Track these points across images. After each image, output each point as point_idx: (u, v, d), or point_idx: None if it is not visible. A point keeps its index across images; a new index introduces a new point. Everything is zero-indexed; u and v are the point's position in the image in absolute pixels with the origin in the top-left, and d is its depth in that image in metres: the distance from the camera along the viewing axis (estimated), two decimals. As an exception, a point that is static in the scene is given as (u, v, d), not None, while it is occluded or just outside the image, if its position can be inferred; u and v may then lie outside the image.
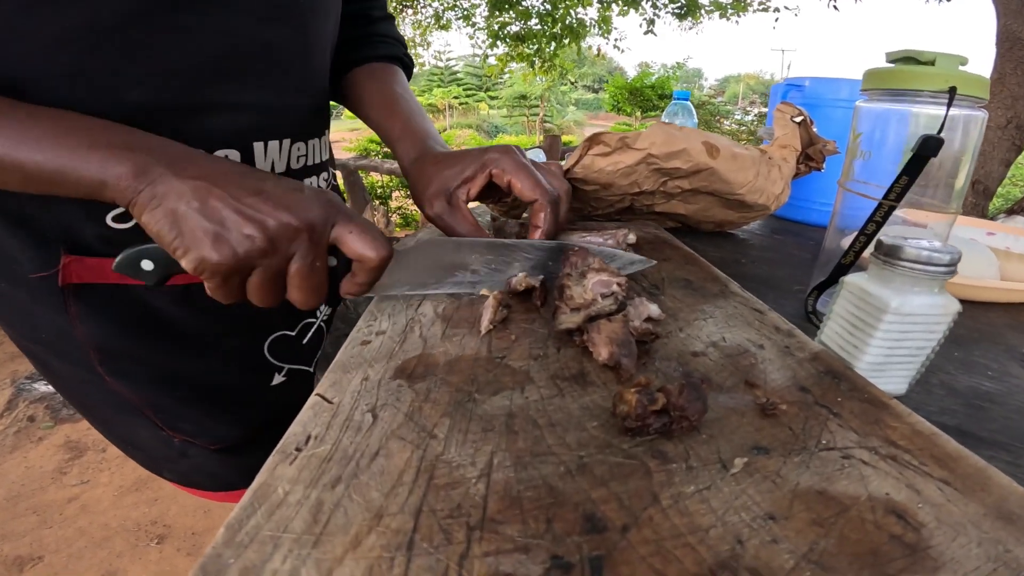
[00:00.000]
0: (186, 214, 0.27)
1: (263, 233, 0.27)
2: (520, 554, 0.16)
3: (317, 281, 0.30)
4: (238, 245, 0.27)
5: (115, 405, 0.43)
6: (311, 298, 0.30)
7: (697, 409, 0.21)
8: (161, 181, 0.27)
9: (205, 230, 0.27)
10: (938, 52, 0.32)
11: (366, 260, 0.30)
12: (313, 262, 0.29)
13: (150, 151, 0.28)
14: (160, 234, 0.27)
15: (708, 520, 0.17)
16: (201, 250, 0.27)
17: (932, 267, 0.26)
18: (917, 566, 0.16)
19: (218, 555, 0.15)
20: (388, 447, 0.20)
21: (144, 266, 0.29)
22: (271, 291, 0.30)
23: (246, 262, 0.28)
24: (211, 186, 0.28)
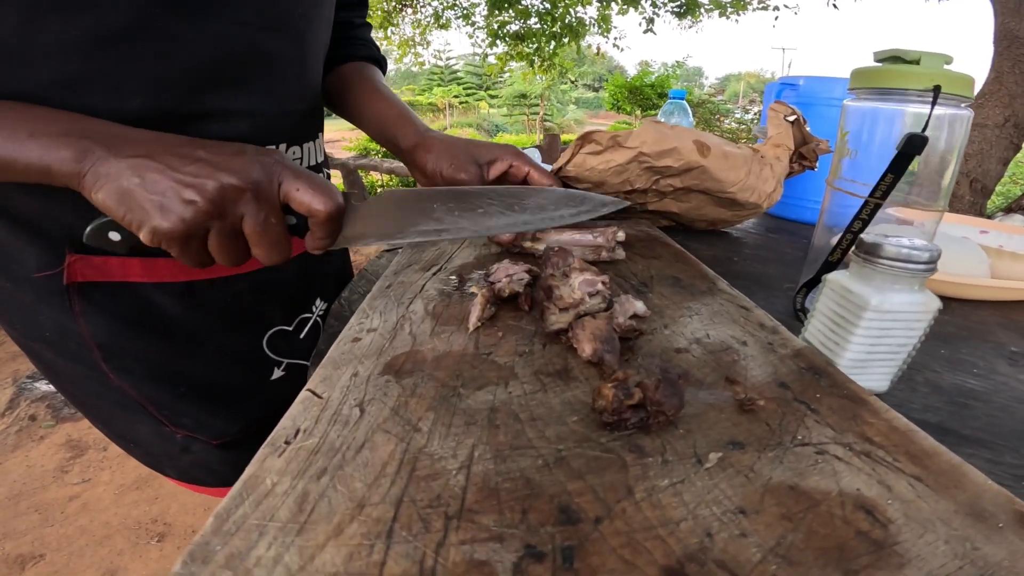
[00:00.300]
0: (130, 189, 0.28)
1: (203, 197, 0.28)
2: (495, 543, 0.16)
3: (274, 237, 0.31)
4: (183, 212, 0.28)
5: (118, 402, 0.44)
6: (272, 253, 0.31)
7: (673, 404, 0.21)
8: (101, 162, 0.28)
9: (151, 202, 0.28)
10: (923, 51, 0.32)
11: (316, 214, 0.31)
12: (266, 219, 0.30)
13: (88, 135, 0.29)
14: (111, 210, 0.28)
15: (679, 513, 0.18)
16: (151, 221, 0.28)
17: (911, 265, 0.27)
18: (882, 562, 0.16)
19: (205, 543, 0.15)
20: (373, 440, 0.20)
21: (112, 236, 0.30)
22: (231, 250, 0.31)
23: (195, 226, 0.29)
24: (148, 160, 0.29)
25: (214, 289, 0.44)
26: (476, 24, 5.06)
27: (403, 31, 5.16)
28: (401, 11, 4.90)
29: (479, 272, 0.39)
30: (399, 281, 0.38)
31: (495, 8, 4.69)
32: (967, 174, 1.48)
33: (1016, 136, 1.46)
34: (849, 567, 0.16)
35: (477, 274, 0.39)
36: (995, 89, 1.45)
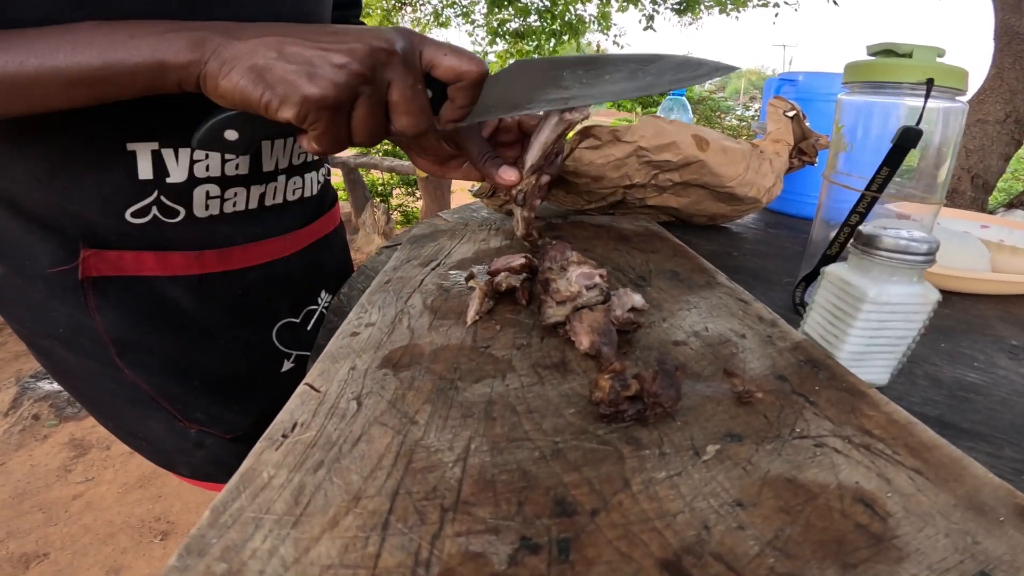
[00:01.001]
0: (268, 66, 0.26)
1: (355, 58, 0.27)
2: (490, 535, 0.16)
3: (421, 103, 0.30)
4: (335, 76, 0.26)
5: (130, 398, 0.44)
6: (419, 121, 0.30)
7: (670, 396, 0.21)
8: (225, 47, 0.26)
9: (296, 71, 0.26)
10: (915, 44, 0.32)
11: (466, 75, 0.30)
12: (414, 84, 0.29)
13: (199, 27, 0.27)
14: (246, 94, 0.26)
15: (676, 506, 0.18)
16: (300, 91, 0.26)
17: (909, 256, 0.27)
18: (880, 556, 0.16)
19: (202, 535, 0.16)
20: (370, 433, 0.20)
21: (228, 136, 0.28)
22: (377, 121, 0.29)
23: (348, 91, 0.27)
24: (281, 38, 0.27)
25: (226, 281, 0.44)
26: (476, 22, 5.05)
27: (402, 30, 5.14)
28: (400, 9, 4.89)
29: (478, 267, 0.39)
30: (398, 276, 0.38)
31: (495, 6, 4.68)
32: (968, 170, 1.47)
33: (1017, 132, 1.45)
34: (847, 560, 0.16)
35: (477, 268, 0.39)
36: (996, 85, 1.45)
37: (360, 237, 3.32)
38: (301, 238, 0.50)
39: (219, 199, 0.41)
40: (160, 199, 0.38)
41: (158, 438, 0.47)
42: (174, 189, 0.39)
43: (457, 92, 0.31)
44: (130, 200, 0.37)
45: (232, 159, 0.40)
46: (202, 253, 0.42)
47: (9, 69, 0.26)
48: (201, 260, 0.42)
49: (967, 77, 0.33)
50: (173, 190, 0.39)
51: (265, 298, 0.47)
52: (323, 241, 0.54)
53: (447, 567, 0.15)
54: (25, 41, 0.27)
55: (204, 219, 0.41)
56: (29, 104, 0.28)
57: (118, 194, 0.37)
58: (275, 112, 0.27)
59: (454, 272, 0.39)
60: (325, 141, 0.29)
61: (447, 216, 0.58)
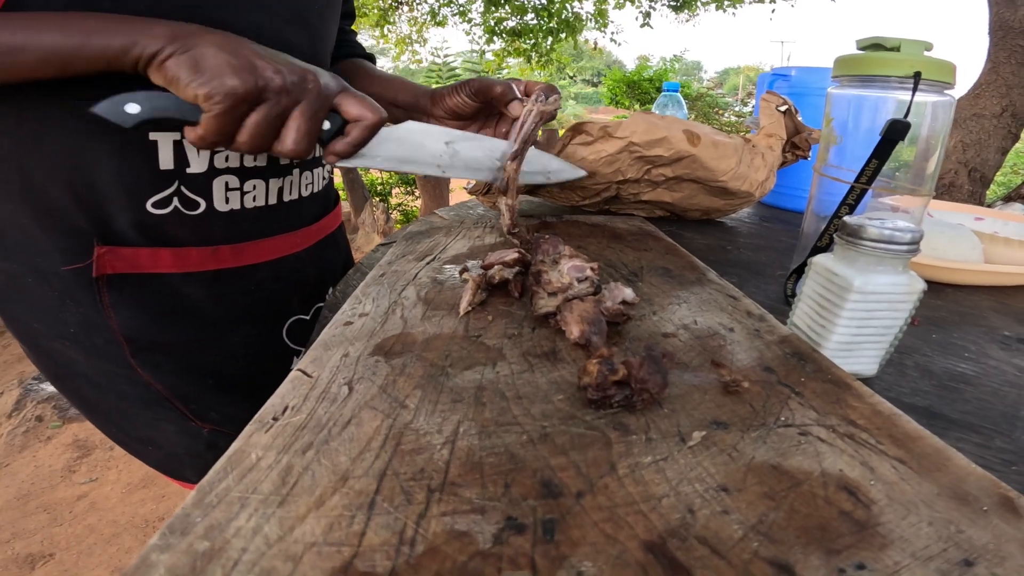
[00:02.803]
0: (214, 55, 0.30)
1: (282, 76, 0.32)
2: (476, 515, 0.16)
3: (311, 128, 0.34)
4: (259, 80, 0.31)
5: (142, 399, 0.44)
6: (301, 143, 0.34)
7: (657, 382, 0.22)
8: (193, 36, 0.30)
9: (231, 66, 0.30)
10: (903, 38, 0.32)
11: (364, 118, 0.35)
12: (316, 111, 0.34)
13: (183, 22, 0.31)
14: (178, 74, 0.30)
15: (662, 489, 0.18)
16: (222, 79, 0.30)
17: (894, 246, 0.27)
18: (864, 543, 0.16)
19: (186, 515, 0.16)
20: (360, 416, 0.21)
21: (128, 108, 0.31)
22: (267, 130, 0.33)
23: (259, 93, 0.31)
24: (242, 42, 0.31)
25: (239, 277, 0.45)
26: (473, 21, 5.05)
27: (399, 29, 5.15)
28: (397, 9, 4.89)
29: (472, 261, 0.40)
30: (392, 270, 0.38)
31: (491, 5, 4.68)
32: (965, 164, 1.47)
33: (1014, 126, 1.45)
34: (831, 546, 0.16)
35: (471, 263, 0.39)
36: (992, 79, 1.45)
37: (360, 236, 3.33)
38: (311, 234, 0.51)
39: (239, 191, 0.42)
40: (181, 190, 0.39)
41: (168, 441, 0.47)
42: (194, 180, 0.39)
43: (352, 129, 0.36)
44: (151, 190, 0.38)
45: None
46: (218, 248, 0.42)
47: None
48: (217, 255, 0.42)
49: (955, 71, 0.34)
50: (194, 180, 0.39)
51: (276, 294, 0.48)
52: (330, 239, 0.55)
53: (432, 545, 0.15)
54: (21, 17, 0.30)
55: (225, 213, 0.42)
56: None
57: (139, 184, 0.38)
58: (192, 89, 0.30)
59: (448, 266, 0.39)
60: (214, 126, 0.31)
61: (443, 213, 0.59)
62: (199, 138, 0.32)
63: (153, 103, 0.31)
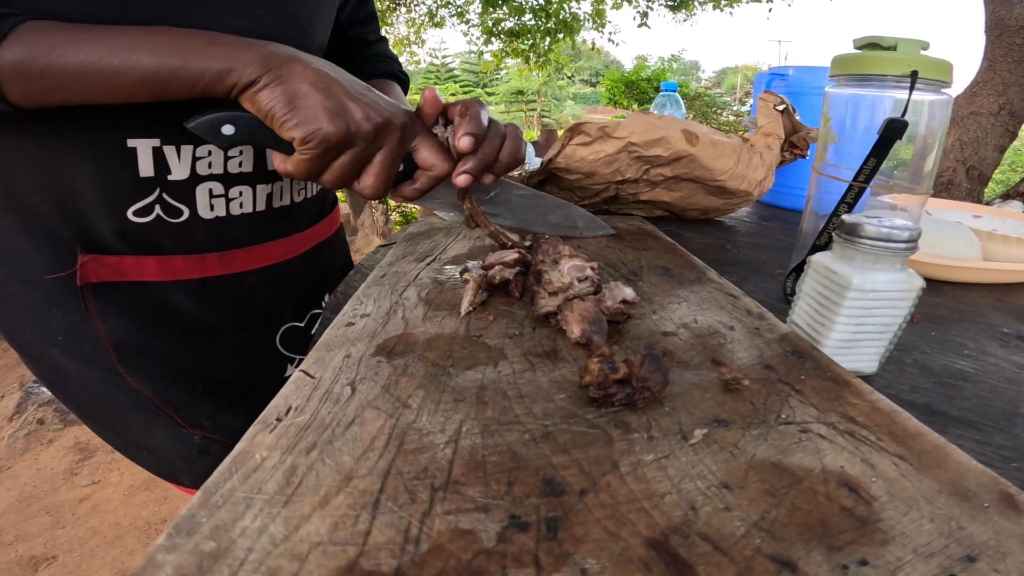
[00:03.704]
0: (308, 93, 0.30)
1: (373, 121, 0.32)
2: (480, 513, 0.17)
3: (391, 173, 0.35)
4: (352, 124, 0.31)
5: (133, 406, 0.43)
6: (381, 186, 0.35)
7: (658, 380, 0.22)
8: (286, 67, 0.31)
9: (325, 107, 0.31)
10: (900, 38, 0.32)
11: (434, 168, 0.36)
12: (397, 156, 0.35)
13: (271, 45, 0.32)
14: (274, 108, 0.30)
15: (664, 487, 0.18)
16: (319, 123, 0.30)
17: (892, 244, 0.27)
18: (865, 539, 0.16)
19: (192, 515, 0.16)
20: (363, 416, 0.21)
21: (224, 130, 0.32)
22: (350, 172, 0.34)
23: (351, 140, 0.32)
24: (331, 77, 0.32)
25: (228, 285, 0.44)
26: (471, 22, 5.05)
27: (397, 30, 5.16)
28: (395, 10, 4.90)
29: (473, 262, 0.40)
30: (393, 271, 0.39)
31: (489, 5, 4.69)
32: (964, 162, 1.48)
33: (1012, 124, 1.46)
34: (833, 542, 0.16)
35: (471, 263, 0.39)
36: (989, 77, 1.46)
37: (359, 238, 3.33)
38: (303, 241, 0.50)
39: (223, 198, 0.41)
40: (163, 197, 0.38)
41: (161, 447, 0.47)
42: (177, 187, 0.39)
43: (422, 176, 0.37)
44: (132, 198, 0.38)
45: (235, 156, 0.40)
46: (204, 257, 0.42)
47: (92, 59, 0.29)
48: (203, 263, 0.42)
49: (952, 70, 0.34)
50: (175, 188, 0.39)
51: (268, 302, 0.48)
52: (326, 244, 0.54)
53: (436, 543, 0.16)
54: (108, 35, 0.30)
55: (210, 220, 0.41)
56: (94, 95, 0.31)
57: (119, 192, 0.37)
58: (288, 128, 0.30)
59: (449, 267, 0.39)
60: (306, 167, 0.32)
61: (443, 215, 0.59)
62: (287, 172, 0.33)
63: (251, 130, 0.32)
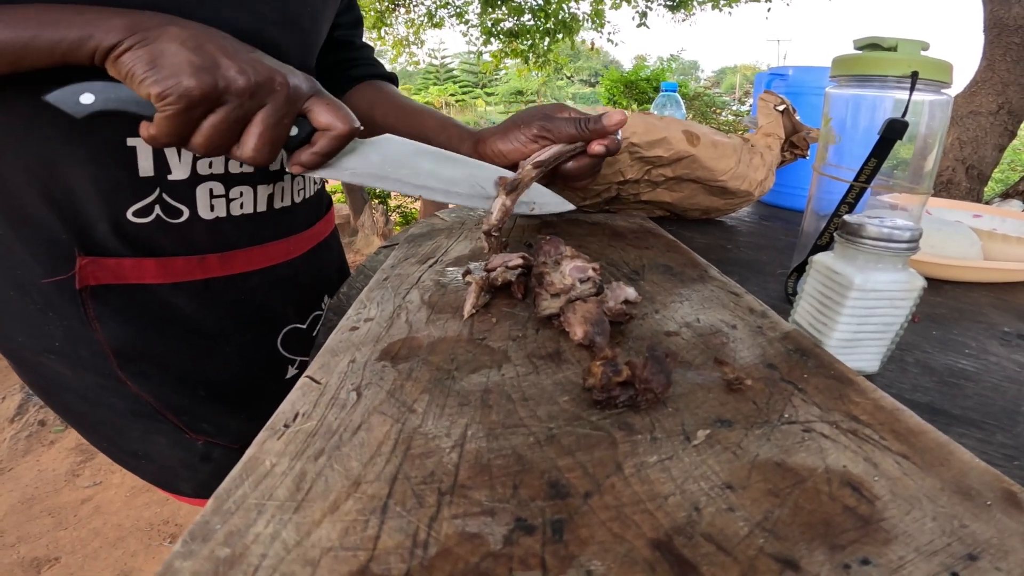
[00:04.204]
0: (175, 51, 0.27)
1: (247, 77, 0.29)
2: (486, 516, 0.17)
3: (277, 135, 0.31)
4: (220, 79, 0.28)
5: (133, 412, 0.43)
6: (264, 150, 0.31)
7: (661, 382, 0.22)
8: (156, 29, 0.28)
9: (190, 62, 0.28)
10: (900, 38, 0.33)
11: (333, 128, 0.32)
12: (282, 117, 0.31)
13: (147, 13, 0.29)
14: (133, 68, 0.27)
15: (668, 488, 0.18)
16: (178, 77, 0.27)
17: (893, 244, 0.27)
18: (868, 538, 0.16)
19: (205, 522, 0.16)
20: (370, 422, 0.21)
21: (83, 99, 0.29)
22: (225, 134, 0.30)
23: (219, 95, 0.28)
24: (210, 37, 0.29)
25: (230, 286, 0.44)
26: (470, 22, 5.05)
27: (396, 31, 5.16)
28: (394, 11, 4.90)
29: (475, 264, 0.40)
30: (396, 274, 0.39)
31: (488, 6, 4.69)
32: (963, 161, 1.48)
33: (1011, 123, 1.46)
34: (836, 542, 0.16)
35: (473, 265, 0.39)
36: (988, 77, 1.46)
37: (359, 239, 3.33)
38: (303, 241, 0.50)
39: (224, 198, 0.41)
40: (162, 197, 0.38)
41: (162, 454, 0.46)
42: (177, 187, 0.38)
43: (320, 138, 0.33)
44: (131, 198, 0.37)
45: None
46: (204, 258, 0.41)
47: None
48: (203, 265, 0.41)
49: (952, 70, 0.34)
50: (176, 188, 0.38)
51: (269, 303, 0.47)
52: (323, 244, 0.54)
53: (444, 547, 0.16)
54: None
55: (210, 220, 0.41)
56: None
57: (118, 192, 0.37)
58: (146, 86, 0.28)
59: (451, 269, 0.39)
60: (166, 126, 0.29)
61: (444, 215, 0.59)
62: (150, 137, 0.30)
63: (108, 94, 0.29)
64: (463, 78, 23.50)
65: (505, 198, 0.40)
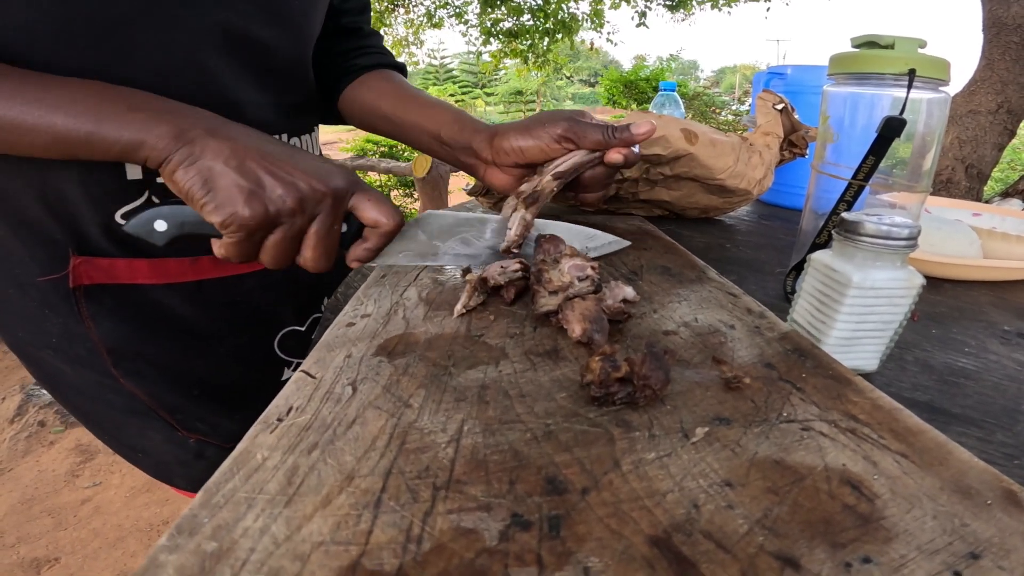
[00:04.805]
0: (222, 172, 0.29)
1: (295, 195, 0.30)
2: (482, 512, 0.17)
3: (331, 243, 0.33)
4: (270, 203, 0.29)
5: (128, 409, 0.43)
6: (323, 259, 0.33)
7: (659, 378, 0.22)
8: (199, 142, 0.29)
9: (240, 187, 0.29)
10: (897, 36, 0.32)
11: (381, 225, 0.33)
12: (332, 225, 0.32)
13: (188, 116, 0.30)
14: (191, 190, 0.29)
15: (666, 485, 0.18)
16: (234, 206, 0.29)
17: (891, 241, 0.27)
18: (869, 536, 0.16)
19: (193, 516, 0.16)
20: (364, 416, 0.21)
21: (157, 226, 0.31)
22: (287, 250, 0.32)
23: (274, 219, 0.30)
24: (248, 149, 0.30)
25: (224, 288, 0.44)
26: (469, 22, 5.06)
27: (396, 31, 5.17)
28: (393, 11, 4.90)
29: (474, 261, 0.40)
30: (394, 271, 0.39)
31: (488, 6, 4.70)
32: (962, 160, 1.48)
33: (1010, 122, 1.46)
34: (836, 540, 0.16)
35: (472, 264, 0.39)
36: (987, 76, 1.46)
37: (359, 239, 3.32)
38: None
39: None
40: (151, 200, 0.38)
41: (157, 449, 0.46)
42: (166, 189, 0.38)
43: (370, 235, 0.34)
44: (120, 201, 0.37)
45: None
46: (197, 259, 0.41)
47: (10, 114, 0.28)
48: (196, 266, 0.41)
49: (949, 68, 0.34)
50: (165, 190, 0.38)
51: (265, 305, 0.47)
52: None
53: (439, 543, 0.16)
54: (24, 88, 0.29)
55: None
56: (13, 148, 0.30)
57: (106, 195, 0.37)
58: (208, 213, 0.29)
59: (449, 267, 0.39)
60: (235, 251, 0.31)
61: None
62: (224, 258, 0.31)
63: (178, 219, 0.31)
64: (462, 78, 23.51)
65: (525, 211, 0.38)
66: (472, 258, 0.38)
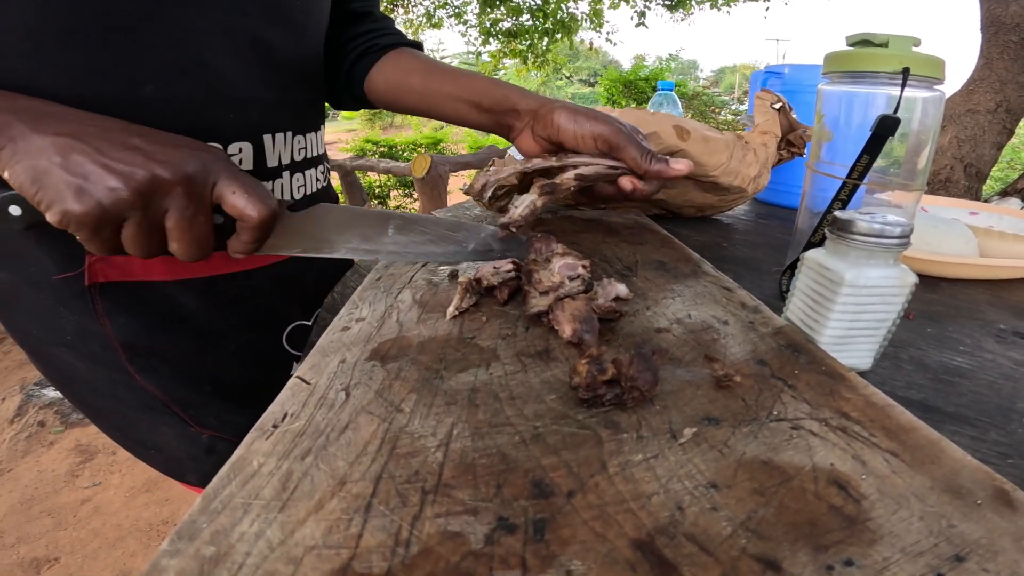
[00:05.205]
0: (47, 169, 0.27)
1: (128, 186, 0.27)
2: (469, 516, 0.17)
3: (198, 235, 0.30)
4: (103, 197, 0.27)
5: (141, 404, 0.44)
6: (192, 250, 0.30)
7: (647, 380, 0.22)
8: (21, 138, 0.27)
9: (67, 183, 0.27)
10: (891, 34, 0.32)
11: (246, 219, 0.30)
12: (193, 216, 0.29)
13: (13, 111, 0.28)
14: (22, 189, 0.27)
15: (652, 487, 0.18)
16: (64, 203, 0.27)
17: (884, 239, 0.27)
18: (853, 538, 0.16)
19: (192, 521, 0.16)
20: (357, 421, 0.21)
21: (12, 211, 0.29)
22: (145, 242, 0.30)
23: (112, 214, 0.28)
24: (74, 141, 0.27)
25: (235, 284, 0.44)
26: (468, 22, 5.06)
27: (396, 31, 5.15)
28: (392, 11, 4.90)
29: (465, 264, 0.40)
30: (388, 273, 0.39)
31: (487, 6, 4.69)
32: (961, 159, 1.48)
33: (1009, 121, 1.46)
34: (820, 542, 0.16)
35: (464, 265, 0.39)
36: (985, 75, 1.46)
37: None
38: None
39: None
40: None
41: (168, 445, 0.47)
42: None
43: (241, 230, 0.31)
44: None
45: (235, 154, 0.40)
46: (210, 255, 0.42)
47: None
48: (209, 262, 0.42)
49: (944, 66, 0.34)
50: None
51: (274, 300, 0.48)
52: None
53: (426, 546, 0.16)
54: None
55: None
56: None
57: None
58: (44, 211, 0.28)
59: (444, 268, 0.39)
60: (94, 247, 0.29)
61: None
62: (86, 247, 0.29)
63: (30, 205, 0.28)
64: (463, 78, 23.42)
65: (537, 198, 0.37)
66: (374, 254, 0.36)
